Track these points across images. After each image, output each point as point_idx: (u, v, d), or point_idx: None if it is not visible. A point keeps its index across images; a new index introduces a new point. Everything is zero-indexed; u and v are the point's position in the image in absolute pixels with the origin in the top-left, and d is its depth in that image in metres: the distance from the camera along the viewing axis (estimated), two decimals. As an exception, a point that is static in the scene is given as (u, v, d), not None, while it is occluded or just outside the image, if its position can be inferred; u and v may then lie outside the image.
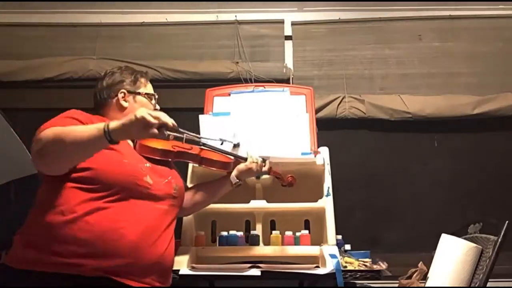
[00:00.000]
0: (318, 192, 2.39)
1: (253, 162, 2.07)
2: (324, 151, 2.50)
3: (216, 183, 2.11)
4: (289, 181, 2.18)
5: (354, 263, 2.25)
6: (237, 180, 2.06)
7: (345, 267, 2.19)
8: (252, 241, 2.30)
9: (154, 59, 3.46)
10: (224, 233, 2.33)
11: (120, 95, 1.89)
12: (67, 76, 3.44)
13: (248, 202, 2.38)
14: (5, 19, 3.58)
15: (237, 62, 3.45)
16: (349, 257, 2.31)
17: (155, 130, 1.53)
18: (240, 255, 2.24)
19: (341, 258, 2.16)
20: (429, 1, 3.53)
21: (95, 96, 1.94)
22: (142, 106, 1.86)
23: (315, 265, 2.10)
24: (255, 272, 2.01)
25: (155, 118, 1.53)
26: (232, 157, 2.06)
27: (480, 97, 3.39)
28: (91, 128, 1.55)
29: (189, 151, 1.96)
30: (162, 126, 1.54)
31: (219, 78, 3.37)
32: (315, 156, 2.41)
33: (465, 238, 2.17)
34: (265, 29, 3.62)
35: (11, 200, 2.84)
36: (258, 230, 2.36)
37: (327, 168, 2.44)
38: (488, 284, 1.94)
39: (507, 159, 3.37)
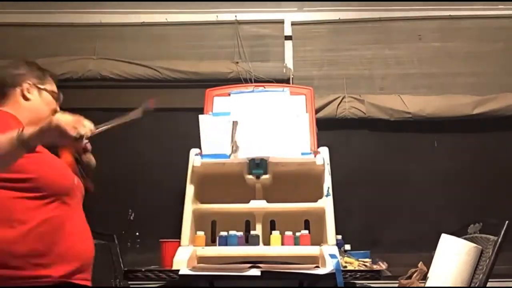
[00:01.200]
0: (318, 192, 2.39)
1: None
2: (324, 151, 2.50)
3: None
4: (89, 188, 1.94)
5: (354, 263, 2.25)
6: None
7: (345, 267, 2.19)
8: (252, 241, 2.30)
9: (154, 59, 3.46)
10: (224, 233, 2.33)
11: (25, 86, 1.82)
12: (67, 76, 3.43)
13: (248, 202, 2.39)
14: (5, 19, 3.58)
15: (237, 62, 3.45)
16: (349, 257, 2.31)
17: (72, 140, 1.45)
18: (240, 255, 2.24)
19: (341, 258, 2.16)
20: (429, 1, 3.53)
21: None
22: (46, 104, 1.85)
23: (315, 265, 2.10)
24: (255, 272, 2.01)
25: (74, 128, 1.43)
26: None
27: (480, 97, 3.38)
28: (3, 135, 1.46)
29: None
30: (81, 137, 1.46)
31: (219, 78, 3.37)
32: (315, 156, 2.42)
33: (465, 238, 2.17)
34: (265, 29, 3.61)
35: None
36: (258, 230, 2.36)
37: (327, 168, 2.44)
38: (488, 284, 1.94)
39: (507, 159, 3.37)
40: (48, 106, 1.87)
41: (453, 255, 2.07)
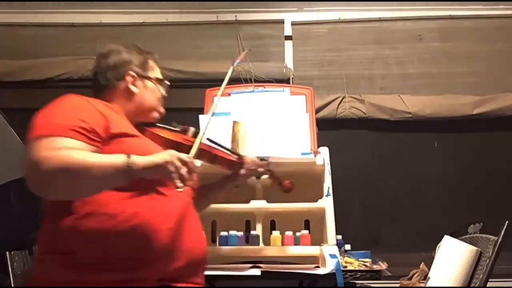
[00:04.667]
0: (318, 192, 2.39)
1: (255, 163, 1.94)
2: (324, 151, 2.50)
3: (218, 184, 1.98)
4: (288, 187, 2.07)
5: (354, 263, 2.25)
6: (238, 182, 1.96)
7: (345, 267, 2.19)
8: (252, 241, 2.30)
9: (154, 59, 3.46)
10: (224, 233, 2.33)
11: (129, 79, 1.66)
12: (67, 76, 3.44)
13: (248, 202, 2.38)
14: (5, 19, 3.58)
15: (237, 62, 3.45)
16: (349, 257, 2.31)
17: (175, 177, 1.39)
18: (240, 255, 2.24)
19: (341, 258, 2.16)
20: (429, 1, 3.53)
21: (95, 76, 1.69)
22: (152, 93, 1.70)
23: (315, 265, 2.10)
24: (255, 272, 2.01)
25: (178, 169, 1.38)
26: (236, 157, 1.96)
27: (480, 97, 3.39)
28: (107, 164, 1.35)
29: (202, 148, 1.75)
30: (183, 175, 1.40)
31: (219, 78, 3.34)
32: (315, 156, 2.41)
33: (465, 238, 2.17)
34: (265, 29, 3.62)
35: (11, 200, 2.84)
36: (258, 230, 2.36)
37: (327, 168, 2.44)
38: (488, 284, 1.94)
39: (507, 159, 3.37)
40: (154, 95, 1.71)
41: (453, 257, 2.07)
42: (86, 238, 1.40)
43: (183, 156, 1.42)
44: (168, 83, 1.79)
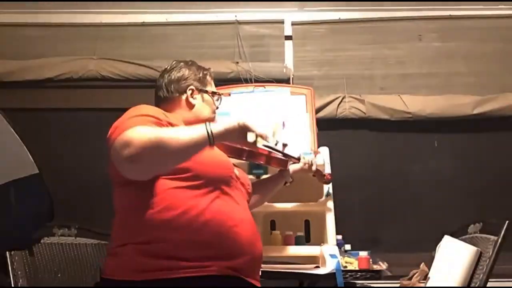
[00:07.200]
0: (318, 192, 2.39)
1: (306, 163, 2.11)
2: (324, 151, 2.50)
3: (270, 182, 2.14)
4: (329, 179, 2.25)
5: (354, 263, 2.25)
6: (291, 179, 2.11)
7: (345, 267, 2.19)
8: (252, 241, 2.30)
9: (154, 59, 3.46)
10: (224, 233, 2.33)
11: (189, 92, 1.81)
12: (67, 76, 3.43)
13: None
14: (5, 19, 3.58)
15: (237, 62, 3.45)
16: (349, 257, 2.31)
17: (253, 139, 1.51)
18: (240, 255, 2.24)
19: (341, 258, 2.16)
20: (429, 1, 3.53)
21: (159, 90, 1.84)
22: (209, 105, 1.84)
23: (315, 265, 2.10)
24: (255, 272, 2.01)
25: (255, 128, 1.51)
26: (292, 158, 2.01)
27: (480, 97, 3.38)
28: (192, 131, 1.49)
29: (257, 151, 1.82)
30: (259, 136, 1.53)
31: (219, 78, 3.34)
32: (315, 156, 2.41)
33: (465, 238, 2.17)
34: (265, 29, 3.62)
35: (11, 200, 2.84)
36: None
37: (327, 168, 2.44)
38: (488, 284, 1.94)
39: (507, 159, 3.37)
40: (210, 107, 1.86)
41: (453, 257, 2.07)
42: (162, 230, 1.50)
43: (247, 118, 1.53)
44: (223, 96, 1.93)
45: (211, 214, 1.54)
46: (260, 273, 1.66)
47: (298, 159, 2.07)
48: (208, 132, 1.47)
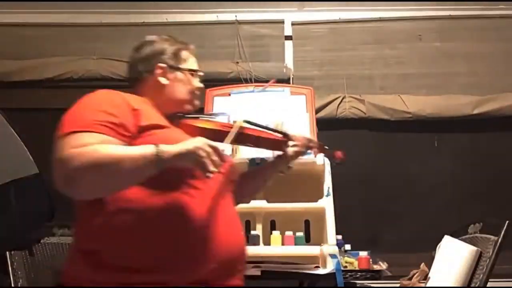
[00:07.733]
0: (318, 192, 2.39)
1: (304, 140, 1.78)
2: (324, 151, 2.50)
3: (265, 169, 1.82)
4: (341, 158, 1.87)
5: (354, 263, 2.25)
6: (290, 165, 1.79)
7: (345, 267, 2.19)
8: (252, 241, 2.30)
9: (154, 59, 3.46)
10: (224, 233, 2.33)
11: (158, 71, 1.59)
12: (67, 76, 3.44)
13: (248, 202, 2.38)
14: (5, 19, 3.58)
15: (237, 62, 3.45)
16: (349, 257, 2.31)
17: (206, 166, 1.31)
18: (240, 255, 2.24)
19: (341, 258, 2.16)
20: (429, 1, 3.53)
21: (129, 69, 1.65)
22: (183, 85, 1.62)
23: (315, 265, 2.10)
24: (255, 272, 2.01)
25: (209, 154, 1.31)
26: (280, 135, 1.77)
27: (480, 97, 3.39)
28: (136, 156, 1.28)
29: (243, 132, 1.61)
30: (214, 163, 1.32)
31: (219, 78, 3.36)
32: (315, 156, 2.41)
33: (465, 238, 2.17)
34: (265, 29, 3.62)
35: (11, 200, 2.84)
36: (258, 230, 2.36)
37: (327, 168, 2.44)
38: (488, 284, 1.94)
39: (507, 159, 3.37)
40: (185, 86, 1.62)
41: (453, 258, 2.07)
42: (114, 236, 1.33)
43: (212, 142, 1.34)
44: (202, 73, 1.72)
45: (170, 216, 1.34)
46: (244, 271, 1.49)
47: (284, 135, 1.75)
48: (156, 159, 1.28)
